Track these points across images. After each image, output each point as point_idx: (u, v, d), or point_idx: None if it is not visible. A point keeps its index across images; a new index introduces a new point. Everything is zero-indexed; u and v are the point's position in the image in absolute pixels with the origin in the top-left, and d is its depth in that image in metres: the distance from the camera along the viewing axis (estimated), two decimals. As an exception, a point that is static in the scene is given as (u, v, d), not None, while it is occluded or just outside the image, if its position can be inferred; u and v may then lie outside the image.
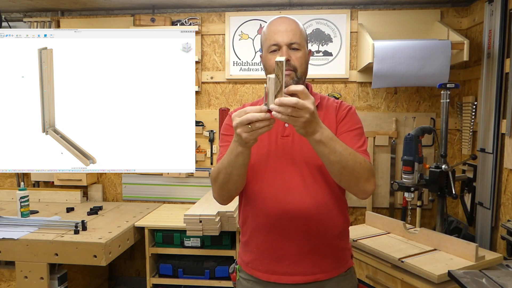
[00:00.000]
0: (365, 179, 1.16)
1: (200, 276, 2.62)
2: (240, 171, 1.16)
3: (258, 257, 1.31)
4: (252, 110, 1.00)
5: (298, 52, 1.26)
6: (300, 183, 1.26)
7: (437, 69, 2.43)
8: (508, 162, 2.23)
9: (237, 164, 1.14)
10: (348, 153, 1.11)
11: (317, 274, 1.27)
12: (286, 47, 1.24)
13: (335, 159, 1.09)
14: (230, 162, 1.14)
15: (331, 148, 1.07)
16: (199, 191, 3.09)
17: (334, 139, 1.09)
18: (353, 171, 1.12)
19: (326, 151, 1.08)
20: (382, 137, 2.90)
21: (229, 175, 1.17)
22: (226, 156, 1.15)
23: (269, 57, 1.27)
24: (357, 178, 1.14)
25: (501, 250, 2.24)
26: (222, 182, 1.21)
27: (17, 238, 2.29)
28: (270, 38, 1.26)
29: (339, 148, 1.09)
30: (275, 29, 1.26)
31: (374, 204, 2.96)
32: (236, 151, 1.10)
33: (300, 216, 1.25)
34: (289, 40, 1.24)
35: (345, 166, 1.10)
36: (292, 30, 1.25)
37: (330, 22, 2.92)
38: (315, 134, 1.04)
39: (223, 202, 1.30)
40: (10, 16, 3.19)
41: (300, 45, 1.26)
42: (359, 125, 1.31)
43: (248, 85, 3.05)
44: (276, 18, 1.31)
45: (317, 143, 1.06)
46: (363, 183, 1.16)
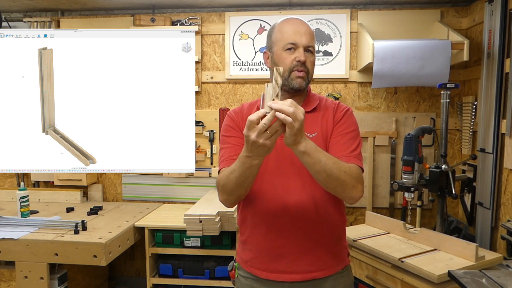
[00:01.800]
0: (351, 186, 1.19)
1: (200, 276, 2.62)
2: (253, 178, 1.19)
3: (257, 256, 1.32)
4: (257, 117, 1.02)
5: (312, 56, 1.30)
6: (298, 183, 1.28)
7: (437, 69, 2.43)
8: (508, 162, 2.23)
9: (251, 174, 1.15)
10: (332, 162, 1.14)
11: (315, 272, 1.30)
12: (303, 48, 1.27)
13: (319, 169, 1.12)
14: (242, 173, 1.15)
15: (315, 158, 1.10)
16: (199, 191, 3.09)
17: (318, 150, 1.12)
18: (338, 179, 1.16)
19: (310, 161, 1.11)
20: (382, 137, 2.90)
21: (241, 183, 1.19)
22: (237, 169, 1.15)
23: (284, 56, 1.28)
24: (342, 185, 1.17)
25: (501, 250, 2.24)
26: (232, 189, 1.22)
27: (17, 238, 2.29)
28: (288, 37, 1.28)
29: (323, 158, 1.12)
30: (295, 29, 1.28)
31: (374, 204, 2.96)
32: (250, 164, 1.11)
33: (298, 215, 1.27)
34: (307, 42, 1.28)
35: (330, 174, 1.14)
36: (310, 33, 1.29)
37: (330, 22, 2.92)
38: (300, 144, 1.07)
39: (231, 206, 1.32)
40: (10, 16, 3.19)
41: (314, 49, 1.31)
42: (354, 128, 1.34)
43: (248, 85, 3.05)
44: (292, 17, 1.33)
45: (302, 154, 1.09)
46: (349, 191, 1.19)
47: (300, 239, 1.28)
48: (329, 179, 1.15)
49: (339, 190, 1.19)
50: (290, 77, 1.28)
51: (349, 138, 1.29)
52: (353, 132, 1.32)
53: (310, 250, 1.29)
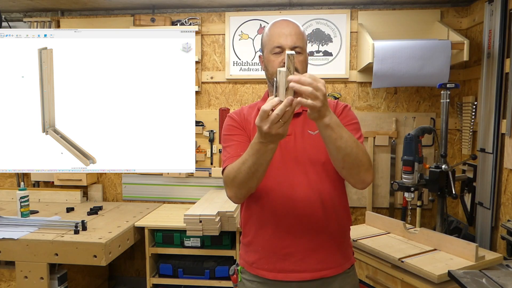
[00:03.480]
0: (365, 168, 1.18)
1: (200, 276, 2.62)
2: (266, 166, 1.15)
3: (264, 256, 1.31)
4: (271, 106, 1.00)
5: (300, 56, 1.28)
6: (304, 180, 1.27)
7: (437, 69, 2.43)
8: (508, 162, 2.23)
9: (265, 161, 1.13)
10: (353, 140, 1.13)
11: (324, 271, 1.29)
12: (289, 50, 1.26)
13: (341, 145, 1.10)
14: (256, 161, 1.12)
15: (338, 133, 1.09)
16: (199, 191, 3.09)
17: (340, 125, 1.10)
18: (356, 159, 1.14)
19: (333, 136, 1.09)
20: (382, 137, 2.90)
21: (254, 172, 1.15)
22: (250, 158, 1.13)
23: (272, 59, 1.28)
24: (358, 166, 1.16)
25: (501, 250, 2.24)
26: (243, 181, 1.18)
27: (17, 238, 2.29)
28: (274, 40, 1.28)
29: (345, 135, 1.10)
30: (280, 31, 1.28)
31: (374, 204, 2.96)
32: (265, 150, 1.08)
33: (306, 213, 1.26)
34: (292, 43, 1.26)
35: (349, 153, 1.12)
36: (296, 34, 1.28)
37: (330, 22, 2.92)
38: (325, 117, 1.06)
39: (240, 200, 1.29)
40: (10, 16, 3.19)
41: (302, 49, 1.29)
42: (356, 121, 1.34)
43: (248, 85, 3.05)
44: (279, 20, 1.33)
45: (326, 127, 1.08)
46: (363, 173, 1.18)
47: (308, 238, 1.27)
48: (348, 158, 1.13)
49: (354, 171, 1.18)
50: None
51: (352, 129, 1.29)
52: (355, 124, 1.33)
53: (318, 248, 1.28)
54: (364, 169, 1.18)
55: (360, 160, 1.15)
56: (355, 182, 1.22)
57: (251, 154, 1.12)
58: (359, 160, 1.15)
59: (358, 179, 1.20)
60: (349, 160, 1.14)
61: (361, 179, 1.20)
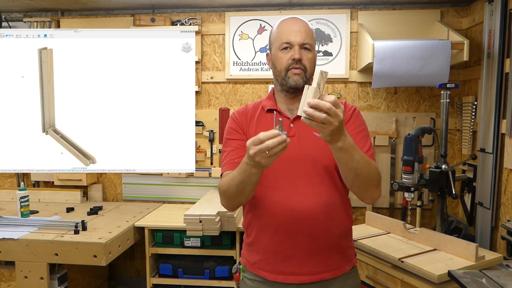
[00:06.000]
0: (374, 187, 1.20)
1: (200, 276, 2.62)
2: (253, 186, 1.18)
3: (265, 257, 1.31)
4: (267, 137, 1.01)
5: (309, 53, 1.28)
6: (306, 183, 1.27)
7: (437, 69, 2.43)
8: (508, 162, 2.23)
9: (251, 182, 1.15)
10: (364, 161, 1.14)
11: (323, 273, 1.28)
12: (298, 46, 1.26)
13: (352, 166, 1.12)
14: (243, 180, 1.15)
15: (350, 155, 1.10)
16: (199, 191, 3.09)
17: (354, 147, 1.11)
18: (366, 179, 1.16)
19: (345, 158, 1.10)
20: (382, 137, 2.90)
21: (241, 190, 1.19)
22: (238, 176, 1.15)
23: (280, 55, 1.29)
24: (367, 186, 1.19)
25: (501, 250, 2.24)
26: (232, 195, 1.23)
27: (17, 238, 2.29)
28: (283, 37, 1.28)
29: (357, 156, 1.11)
30: (289, 28, 1.28)
31: (374, 204, 2.95)
32: (249, 172, 1.11)
33: (306, 216, 1.25)
34: (302, 40, 1.27)
35: (360, 174, 1.14)
36: (305, 31, 1.28)
37: (330, 22, 2.92)
38: (339, 141, 1.06)
39: (232, 209, 1.32)
40: (10, 16, 3.19)
41: (312, 46, 1.29)
42: (364, 127, 1.34)
43: (248, 85, 3.05)
44: (288, 17, 1.33)
45: (339, 150, 1.09)
46: (372, 191, 1.21)
47: (308, 240, 1.27)
48: (358, 178, 1.15)
49: (363, 190, 1.20)
50: (287, 75, 1.28)
51: (361, 138, 1.29)
52: (364, 131, 1.33)
53: (318, 251, 1.28)
54: (373, 187, 1.20)
55: (370, 180, 1.17)
56: (363, 198, 1.24)
57: (240, 172, 1.15)
58: (368, 180, 1.17)
59: (366, 196, 1.22)
60: (359, 181, 1.16)
61: (369, 197, 1.22)
